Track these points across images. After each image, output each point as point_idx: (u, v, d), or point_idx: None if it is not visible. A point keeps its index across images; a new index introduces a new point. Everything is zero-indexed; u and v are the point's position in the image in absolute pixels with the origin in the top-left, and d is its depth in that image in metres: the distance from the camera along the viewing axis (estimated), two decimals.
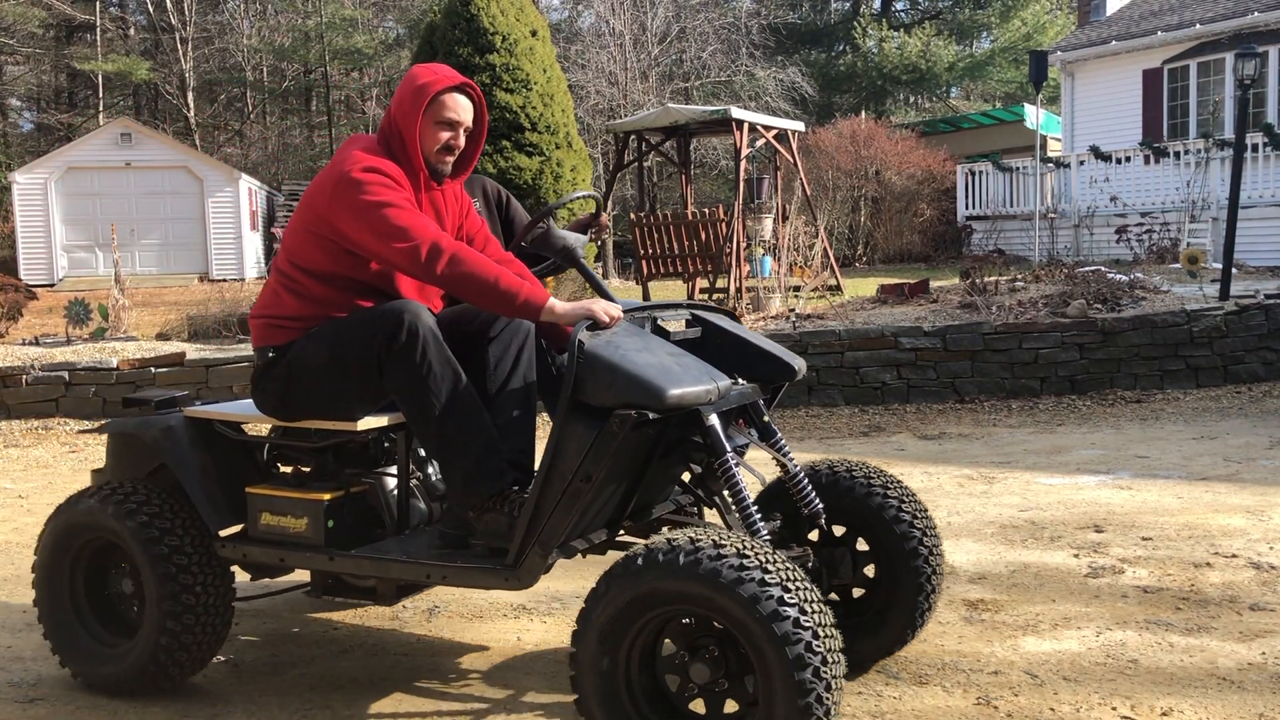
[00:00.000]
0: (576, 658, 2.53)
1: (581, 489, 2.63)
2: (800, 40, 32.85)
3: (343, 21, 31.46)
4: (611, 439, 2.58)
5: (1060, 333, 8.89)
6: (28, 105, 36.65)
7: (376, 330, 2.85)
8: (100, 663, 3.26)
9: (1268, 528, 4.83)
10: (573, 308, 2.79)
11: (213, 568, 3.17)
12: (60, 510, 3.31)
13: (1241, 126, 10.20)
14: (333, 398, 2.98)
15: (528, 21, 13.10)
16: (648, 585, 2.43)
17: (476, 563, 2.83)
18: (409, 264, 2.83)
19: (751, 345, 3.12)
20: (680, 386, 2.63)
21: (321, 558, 3.04)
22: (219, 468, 3.23)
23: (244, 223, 21.62)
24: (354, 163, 2.91)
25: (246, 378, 9.23)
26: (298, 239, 3.02)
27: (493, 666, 3.51)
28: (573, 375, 2.63)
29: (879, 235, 20.31)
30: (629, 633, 2.49)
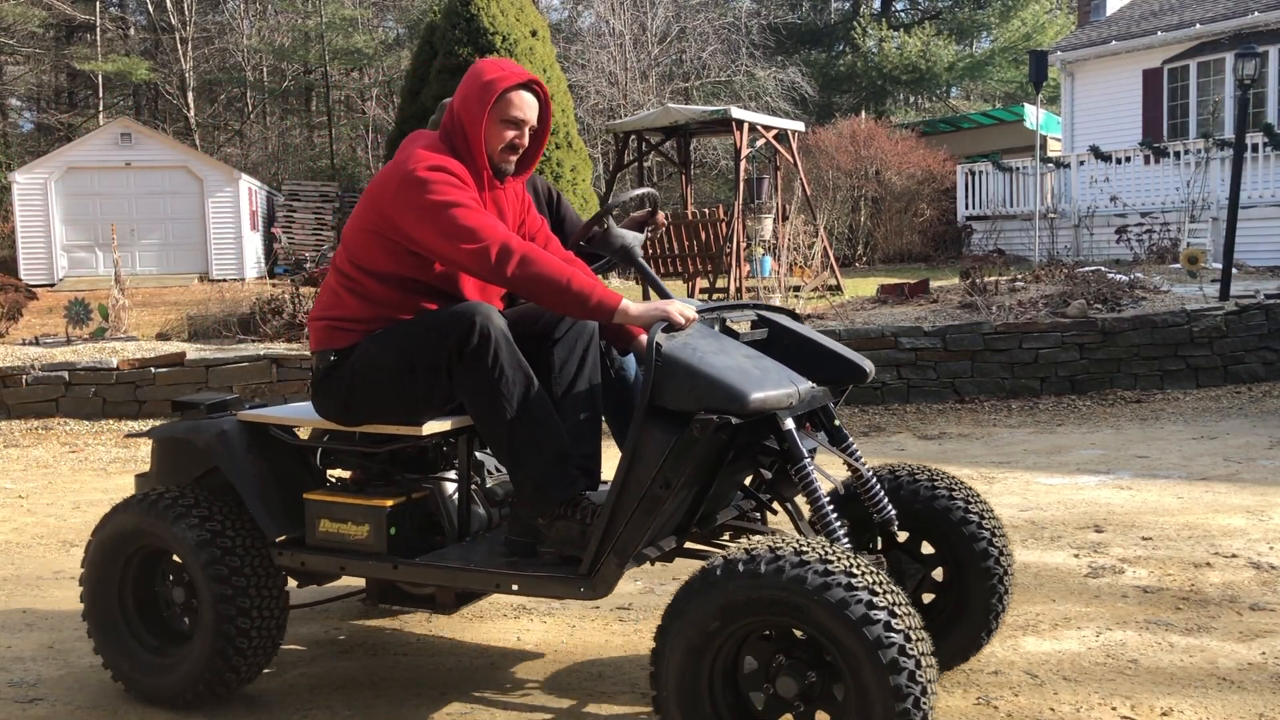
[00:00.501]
0: (659, 676, 2.44)
1: (660, 496, 2.56)
2: (800, 40, 32.84)
3: (343, 21, 31.44)
4: (692, 444, 2.52)
5: (1060, 333, 8.89)
6: (28, 105, 36.64)
7: (447, 333, 2.77)
8: (151, 673, 3.18)
9: (1268, 528, 4.83)
10: (647, 309, 2.72)
11: (267, 575, 3.09)
12: (109, 516, 3.22)
13: (1241, 126, 10.20)
14: (398, 402, 2.89)
15: (528, 21, 13.10)
16: (733, 595, 2.34)
17: (548, 571, 2.75)
18: (478, 265, 2.74)
19: (819, 346, 3.04)
20: (762, 390, 2.57)
21: (385, 566, 2.94)
22: (274, 473, 3.16)
23: (244, 223, 21.61)
24: (418, 161, 2.84)
25: (246, 378, 9.23)
26: (359, 239, 2.93)
27: (493, 666, 3.51)
28: (651, 379, 2.56)
29: (879, 235, 20.31)
30: (711, 647, 2.40)
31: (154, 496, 3.15)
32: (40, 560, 5.02)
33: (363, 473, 3.18)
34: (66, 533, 5.55)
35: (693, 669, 2.41)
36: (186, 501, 3.10)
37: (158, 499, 3.13)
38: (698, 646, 2.40)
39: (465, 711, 3.15)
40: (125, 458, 7.82)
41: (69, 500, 6.38)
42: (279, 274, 20.91)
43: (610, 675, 3.41)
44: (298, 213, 23.27)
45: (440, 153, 2.89)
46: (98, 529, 3.24)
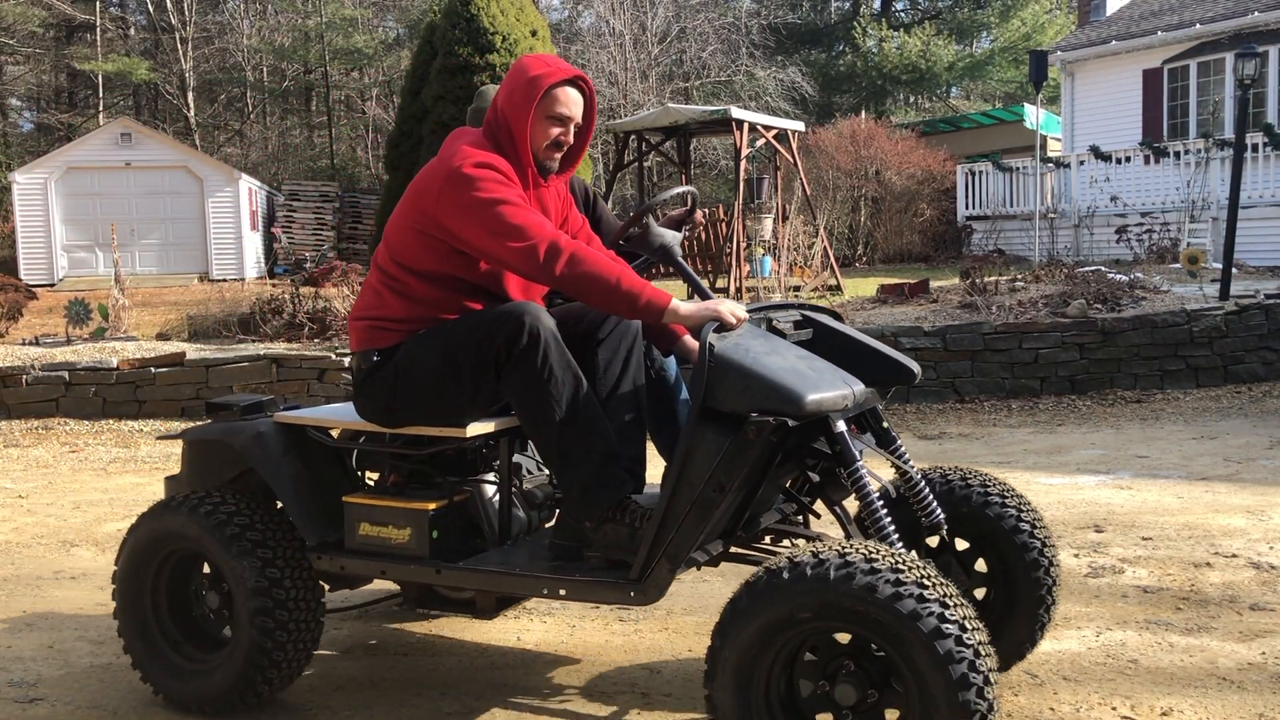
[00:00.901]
0: (714, 675, 2.39)
1: (714, 499, 2.51)
2: (800, 40, 32.83)
3: (343, 21, 31.43)
4: (747, 447, 2.47)
5: (1060, 333, 8.89)
6: (28, 105, 36.64)
7: (495, 333, 2.72)
8: (186, 680, 3.12)
9: (1268, 528, 4.83)
10: (698, 309, 2.66)
11: (304, 579, 3.04)
12: (143, 521, 3.17)
13: (1241, 126, 10.20)
14: (442, 403, 2.84)
15: (528, 21, 13.10)
16: (796, 601, 2.27)
17: (597, 576, 2.70)
18: (525, 264, 2.69)
19: (864, 346, 2.98)
20: (818, 392, 2.52)
21: (428, 570, 2.89)
22: (311, 476, 3.10)
23: (244, 223, 21.60)
24: (464, 158, 2.77)
25: (246, 378, 9.23)
26: (403, 237, 2.87)
27: (493, 667, 3.50)
28: (704, 380, 2.51)
29: (879, 235, 20.30)
30: (769, 653, 2.35)
31: (190, 500, 3.09)
32: (40, 560, 5.02)
33: (402, 475, 3.12)
34: (66, 533, 5.55)
35: (749, 670, 2.36)
36: (223, 505, 3.04)
37: (193, 502, 3.07)
38: (757, 648, 2.35)
39: (465, 711, 3.15)
40: (125, 458, 7.82)
41: (69, 500, 6.38)
42: (279, 274, 20.91)
43: (610, 675, 3.41)
44: (298, 213, 23.27)
45: (485, 149, 2.83)
46: (131, 533, 3.18)
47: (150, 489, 6.69)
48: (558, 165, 2.98)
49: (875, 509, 2.64)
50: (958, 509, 3.06)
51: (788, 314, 2.98)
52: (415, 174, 2.96)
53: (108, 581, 4.63)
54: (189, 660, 3.16)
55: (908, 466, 2.93)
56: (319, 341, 10.55)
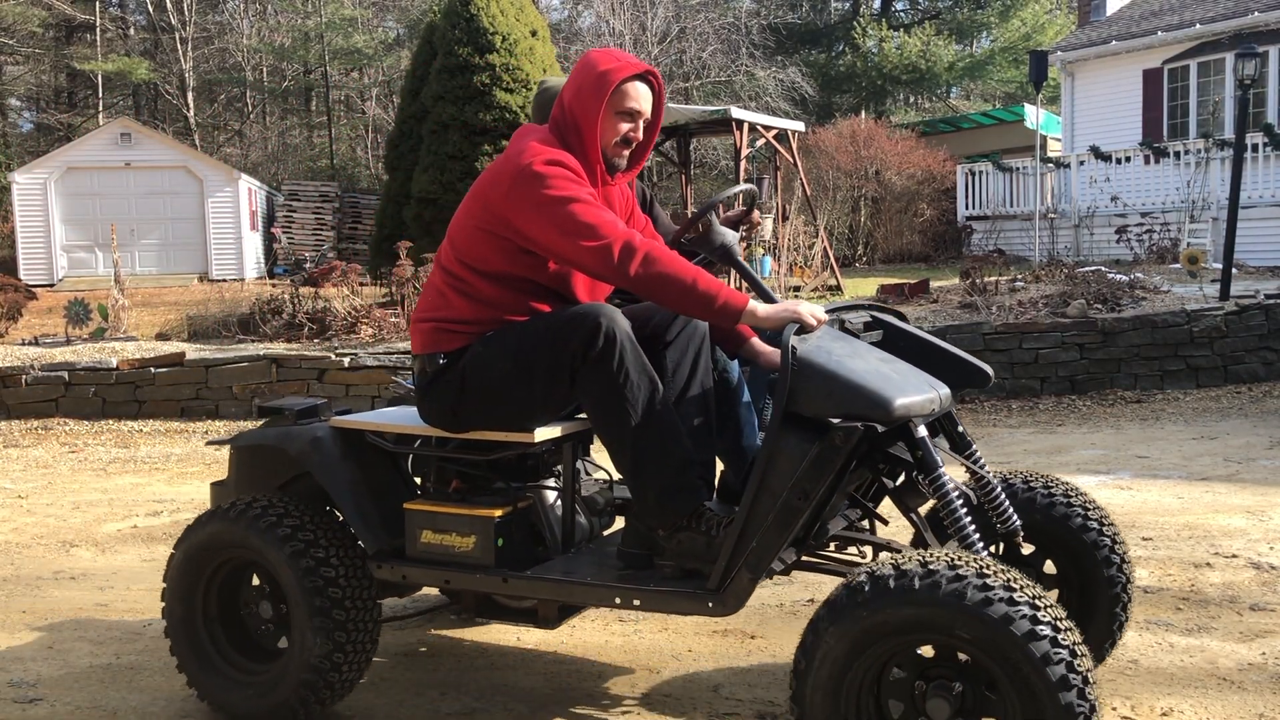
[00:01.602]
0: (800, 695, 2.30)
1: (799, 507, 2.44)
2: (800, 40, 32.83)
3: (343, 21, 31.43)
4: (835, 453, 2.40)
5: (1060, 333, 8.89)
6: (28, 105, 36.63)
7: (570, 336, 2.64)
8: (240, 692, 3.04)
9: (1268, 528, 4.83)
10: (776, 310, 2.59)
11: (362, 587, 2.96)
12: (194, 529, 3.08)
13: (1241, 126, 10.20)
14: (511, 407, 2.77)
15: (528, 21, 13.10)
16: (887, 612, 2.20)
17: (674, 586, 2.62)
18: (598, 263, 2.61)
19: (937, 349, 2.90)
20: (905, 396, 2.45)
21: (494, 580, 2.81)
22: (370, 482, 3.01)
23: (244, 223, 21.60)
24: (534, 155, 2.69)
25: (246, 378, 9.23)
26: (469, 237, 2.79)
27: (492, 667, 3.50)
28: (786, 384, 2.44)
29: (879, 235, 20.30)
30: (859, 669, 2.27)
31: (245, 507, 3.00)
32: (40, 560, 5.02)
33: (461, 481, 3.05)
34: (66, 533, 5.54)
35: (839, 688, 2.28)
36: (281, 512, 2.96)
37: (251, 510, 2.98)
38: (848, 664, 2.26)
39: (465, 712, 3.15)
40: (125, 458, 7.82)
41: (69, 500, 6.38)
42: (279, 274, 20.91)
43: (609, 675, 3.41)
44: (297, 213, 23.26)
45: (553, 147, 2.76)
46: (182, 542, 3.10)
47: (150, 489, 6.69)
48: (625, 163, 2.90)
49: (960, 517, 2.56)
50: (1026, 512, 3.01)
51: (859, 314, 2.91)
52: (415, 174, 2.91)
53: (108, 581, 4.64)
54: (242, 671, 3.09)
55: (984, 471, 2.84)
56: (319, 342, 10.55)
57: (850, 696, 2.28)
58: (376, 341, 10.19)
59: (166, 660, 3.63)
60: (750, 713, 3.09)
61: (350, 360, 9.17)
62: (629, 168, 2.93)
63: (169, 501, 6.27)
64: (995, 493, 2.84)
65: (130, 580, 4.67)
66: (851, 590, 2.26)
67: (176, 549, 3.11)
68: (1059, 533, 3.01)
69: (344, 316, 10.94)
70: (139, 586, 4.56)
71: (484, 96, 12.24)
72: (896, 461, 2.68)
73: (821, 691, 2.27)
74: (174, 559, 3.11)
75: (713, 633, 3.76)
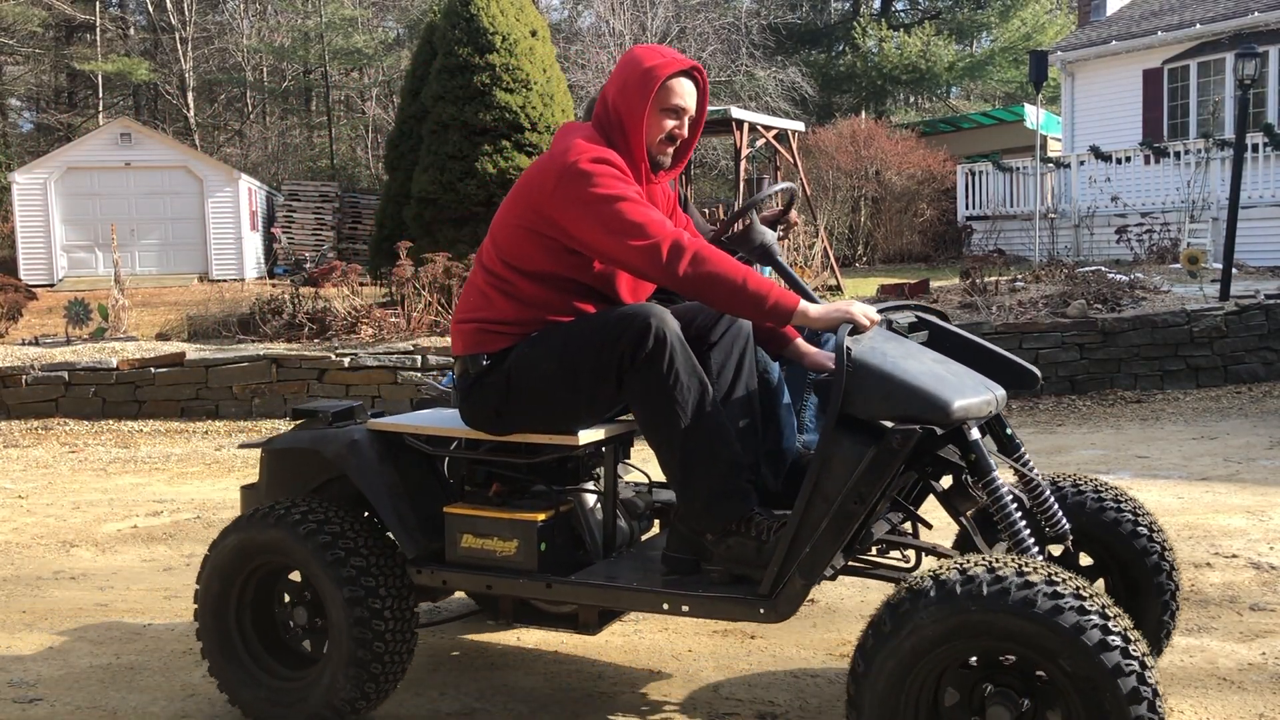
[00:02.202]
0: (860, 708, 2.25)
1: (855, 511, 2.39)
2: (800, 40, 32.83)
3: (343, 21, 31.44)
4: (892, 456, 2.35)
5: (1060, 333, 8.89)
6: (28, 105, 36.64)
7: (619, 336, 2.59)
8: (276, 699, 2.99)
9: (1268, 528, 4.83)
10: (829, 310, 2.54)
11: (400, 592, 2.91)
12: (228, 533, 3.02)
13: (1241, 126, 10.20)
14: (556, 409, 2.72)
15: (528, 21, 13.10)
16: (956, 620, 2.14)
17: (724, 592, 2.56)
18: (646, 263, 2.57)
19: (985, 350, 2.85)
20: (963, 398, 2.41)
21: (537, 585, 2.76)
22: (408, 485, 2.96)
23: (244, 223, 21.60)
24: (580, 152, 2.65)
25: (246, 378, 9.23)
26: (512, 236, 2.74)
27: (492, 667, 3.50)
28: (842, 386, 2.39)
29: (879, 235, 20.30)
30: (919, 677, 2.22)
31: (282, 511, 2.94)
32: (40, 560, 5.02)
33: (494, 484, 3.00)
34: (66, 533, 5.54)
35: (898, 695, 2.23)
36: (320, 517, 2.91)
37: (289, 515, 2.93)
38: (908, 672, 2.21)
39: (465, 712, 3.15)
40: (125, 458, 7.82)
41: (69, 500, 6.38)
42: (279, 274, 20.92)
43: (609, 675, 3.41)
44: (297, 213, 23.27)
45: (598, 144, 2.71)
46: (215, 548, 3.05)
47: (150, 489, 6.69)
48: (669, 160, 2.85)
49: (1014, 521, 2.51)
50: (1074, 516, 2.96)
51: (905, 314, 2.85)
52: (415, 174, 2.87)
53: (108, 581, 4.64)
54: (277, 678, 3.03)
55: (1033, 474, 2.78)
56: (319, 342, 10.55)
57: (909, 702, 2.24)
58: (376, 341, 10.19)
59: (166, 660, 3.63)
60: (750, 713, 3.09)
61: (350, 360, 9.17)
62: (672, 165, 2.88)
63: (169, 501, 6.28)
64: (1045, 496, 2.78)
65: (130, 580, 4.67)
66: (915, 596, 2.21)
67: (209, 557, 3.05)
68: (1107, 538, 2.96)
69: (344, 316, 10.94)
70: (139, 586, 4.56)
71: (484, 96, 12.24)
72: (944, 464, 2.64)
73: (879, 696, 2.23)
74: (207, 565, 3.05)
75: (713, 633, 3.76)
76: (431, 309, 10.64)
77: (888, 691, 2.22)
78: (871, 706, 2.23)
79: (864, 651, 2.25)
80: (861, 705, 2.24)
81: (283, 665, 3.07)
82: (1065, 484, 3.04)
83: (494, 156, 12.09)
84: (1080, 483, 3.05)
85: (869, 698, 2.23)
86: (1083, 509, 2.97)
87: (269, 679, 3.03)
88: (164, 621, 4.06)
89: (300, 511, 2.93)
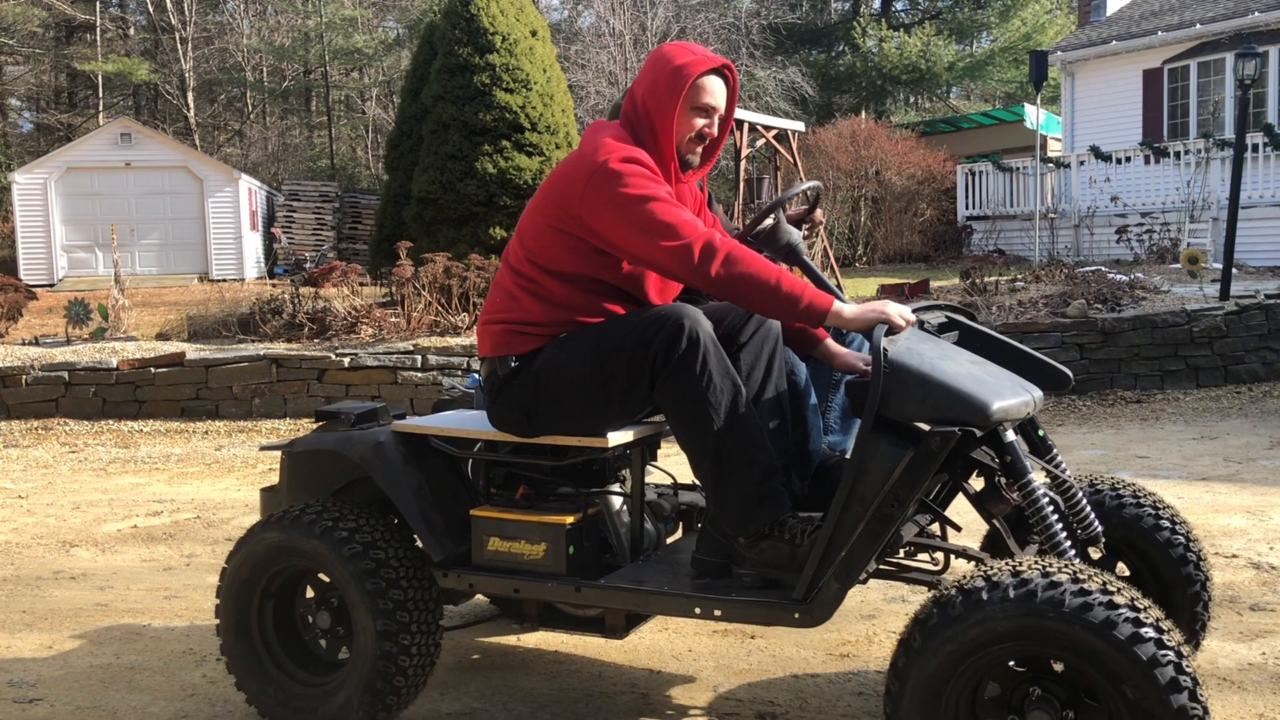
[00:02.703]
0: (897, 710, 2.23)
1: (893, 514, 2.36)
2: (800, 40, 32.83)
3: (343, 21, 31.44)
4: (931, 459, 2.32)
5: (1060, 333, 8.89)
6: (28, 105, 36.63)
7: (652, 338, 2.55)
8: (301, 705, 2.93)
9: (1268, 528, 4.83)
10: (863, 311, 2.50)
11: (427, 595, 2.87)
12: (250, 538, 2.97)
13: (1242, 126, 10.20)
14: (588, 411, 2.68)
15: (528, 21, 13.10)
16: (1031, 621, 2.10)
17: (757, 596, 2.53)
18: (678, 264, 2.53)
19: (1013, 349, 2.81)
20: (1002, 399, 2.38)
21: (566, 589, 2.73)
22: (434, 488, 2.92)
23: (244, 223, 21.60)
24: (610, 152, 2.61)
25: (246, 378, 9.23)
26: (540, 237, 2.71)
27: (493, 667, 3.50)
28: (879, 388, 2.37)
29: (879, 235, 20.30)
30: (957, 684, 2.19)
31: (308, 514, 2.90)
32: (40, 560, 5.02)
33: (508, 485, 2.99)
34: (66, 533, 5.54)
35: (936, 702, 2.20)
36: (350, 524, 2.86)
37: (315, 518, 2.88)
38: (946, 678, 2.19)
39: (465, 712, 3.15)
40: (125, 458, 7.82)
41: (69, 500, 6.38)
42: (279, 274, 20.91)
43: (610, 675, 3.41)
44: (297, 213, 23.27)
45: (628, 143, 2.68)
46: (237, 550, 2.99)
47: (150, 489, 6.69)
48: (699, 159, 2.81)
49: (1050, 524, 2.48)
50: (1107, 520, 2.95)
51: (935, 314, 2.83)
52: (415, 174, 2.84)
53: (108, 581, 4.64)
54: (299, 684, 2.99)
55: (1066, 476, 2.75)
56: (318, 341, 10.55)
57: (956, 686, 2.21)
58: (376, 341, 10.19)
59: (166, 660, 3.63)
60: (750, 713, 3.09)
61: (350, 360, 9.17)
62: (701, 163, 2.84)
63: (169, 501, 6.28)
64: (1077, 498, 2.76)
65: (130, 580, 4.67)
66: (965, 597, 2.17)
67: (230, 562, 3.00)
68: (1142, 543, 2.95)
69: (344, 316, 10.94)
70: (139, 586, 4.56)
71: (484, 96, 12.23)
72: (976, 465, 2.61)
73: (929, 673, 2.20)
74: (229, 571, 3.01)
75: (713, 633, 3.76)
76: (431, 309, 10.64)
77: (940, 671, 2.19)
78: (918, 680, 2.20)
79: (924, 628, 2.21)
80: (907, 677, 2.21)
81: (307, 670, 3.03)
82: (1102, 487, 3.03)
83: (494, 156, 12.08)
84: (1117, 485, 3.03)
85: (917, 672, 2.20)
86: (1118, 513, 2.95)
87: (292, 684, 2.99)
88: (164, 621, 4.06)
89: (332, 518, 2.88)
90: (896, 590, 4.11)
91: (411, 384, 9.13)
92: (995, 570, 2.20)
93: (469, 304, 10.63)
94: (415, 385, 9.13)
